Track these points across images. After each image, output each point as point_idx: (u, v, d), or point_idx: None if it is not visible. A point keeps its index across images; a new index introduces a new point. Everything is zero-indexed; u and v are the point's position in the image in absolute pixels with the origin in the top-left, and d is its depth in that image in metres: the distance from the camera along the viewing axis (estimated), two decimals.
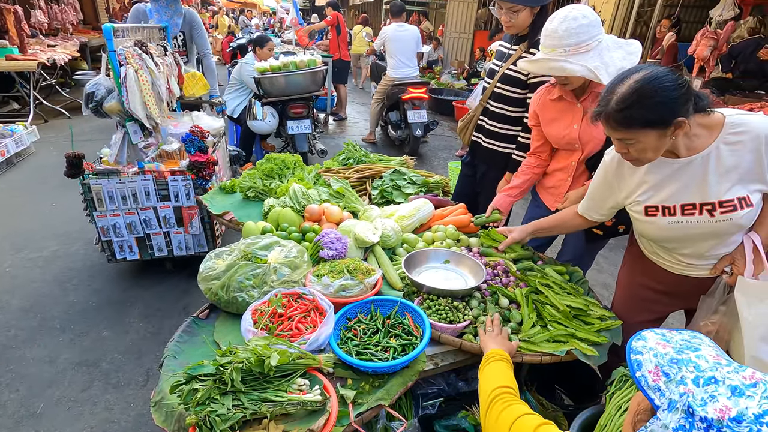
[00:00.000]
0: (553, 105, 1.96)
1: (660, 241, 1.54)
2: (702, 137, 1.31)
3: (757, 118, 1.28)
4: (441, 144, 6.90)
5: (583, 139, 1.92)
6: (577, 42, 1.66)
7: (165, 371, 1.42)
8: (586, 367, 1.60)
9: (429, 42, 11.60)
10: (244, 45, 6.98)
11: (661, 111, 1.19)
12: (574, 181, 2.06)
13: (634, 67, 1.27)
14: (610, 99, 1.24)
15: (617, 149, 1.35)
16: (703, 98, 1.27)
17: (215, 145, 3.29)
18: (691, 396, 0.64)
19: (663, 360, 0.71)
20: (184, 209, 2.96)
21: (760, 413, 0.57)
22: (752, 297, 1.39)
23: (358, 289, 1.65)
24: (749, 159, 1.28)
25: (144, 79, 2.69)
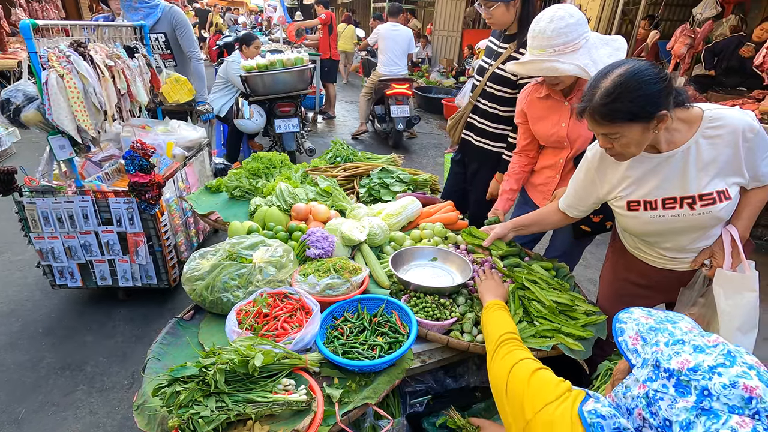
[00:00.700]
0: (540, 103, 1.97)
1: (642, 236, 1.55)
2: (682, 132, 1.33)
3: (734, 113, 1.30)
4: (430, 142, 6.90)
5: (571, 137, 1.93)
6: (566, 41, 1.67)
7: (148, 374, 1.40)
8: (573, 361, 1.61)
9: (417, 40, 11.61)
10: (230, 43, 6.91)
11: (645, 104, 1.20)
12: (562, 179, 2.07)
13: (616, 62, 1.28)
14: (594, 94, 1.25)
15: (601, 144, 1.36)
16: (682, 93, 1.29)
17: (188, 159, 3.00)
18: (660, 353, 0.74)
19: (643, 328, 0.81)
20: (129, 235, 2.60)
21: (714, 365, 0.67)
22: (730, 289, 1.41)
23: (344, 287, 1.64)
24: (727, 153, 1.30)
25: (72, 86, 2.22)
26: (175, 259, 2.82)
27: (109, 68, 2.45)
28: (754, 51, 4.80)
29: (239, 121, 4.54)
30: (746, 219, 1.42)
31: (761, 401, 0.62)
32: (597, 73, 1.29)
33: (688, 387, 0.67)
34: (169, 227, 2.74)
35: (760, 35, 4.90)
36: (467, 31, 11.06)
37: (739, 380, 0.63)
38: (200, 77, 3.59)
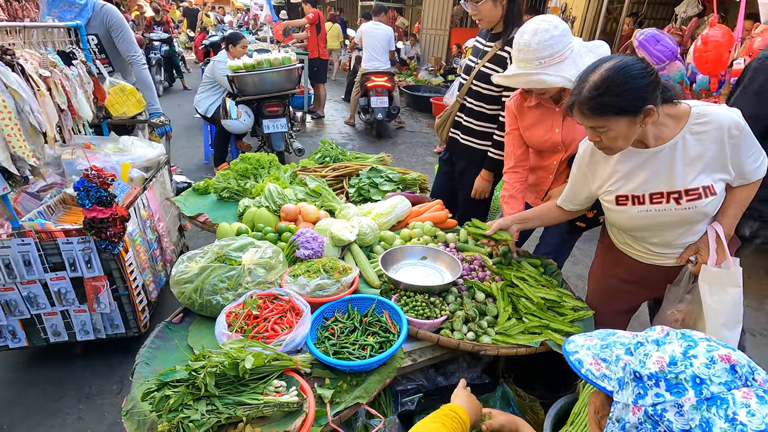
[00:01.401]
0: (531, 112, 1.98)
1: (630, 230, 1.58)
2: (669, 127, 1.36)
3: (720, 110, 1.32)
4: (419, 141, 6.92)
5: (566, 141, 1.96)
6: (552, 53, 1.69)
7: (137, 379, 1.39)
8: (562, 357, 1.64)
9: (405, 38, 11.62)
10: (217, 43, 6.85)
11: (632, 98, 1.22)
12: (555, 179, 2.09)
13: (604, 57, 1.30)
14: (583, 88, 1.27)
15: (590, 138, 1.38)
16: (670, 89, 1.31)
17: (147, 181, 2.55)
18: (630, 364, 0.69)
19: (596, 350, 0.77)
20: (87, 281, 2.12)
21: (684, 350, 0.65)
22: (715, 285, 1.44)
23: (334, 288, 1.64)
24: (713, 149, 1.33)
25: (1, 106, 1.71)
26: (145, 301, 2.39)
27: (44, 79, 1.97)
28: None
29: (226, 121, 4.50)
30: (731, 216, 1.45)
31: (740, 365, 0.61)
32: (586, 68, 1.31)
33: (680, 383, 0.62)
34: (135, 265, 2.28)
35: None
36: (455, 30, 11.10)
37: (713, 354, 0.62)
38: (147, 85, 3.04)
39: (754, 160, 1.36)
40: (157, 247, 2.68)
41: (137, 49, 3.00)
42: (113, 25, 2.90)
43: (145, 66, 3.04)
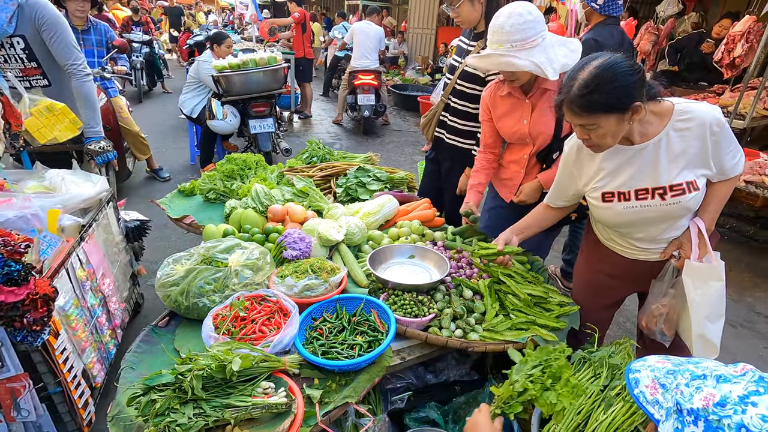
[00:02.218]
0: (502, 101, 2.01)
1: (616, 226, 1.61)
2: (654, 124, 1.38)
3: (702, 107, 1.35)
4: (407, 140, 6.93)
5: (532, 134, 1.98)
6: (523, 38, 1.71)
7: (122, 384, 1.37)
8: None
9: (394, 36, 11.62)
10: (201, 42, 6.76)
11: (620, 95, 1.24)
12: (527, 174, 2.12)
13: (592, 55, 1.32)
14: (572, 85, 1.28)
15: (579, 136, 1.40)
16: (654, 87, 1.34)
17: (85, 229, 1.91)
18: (680, 394, 0.63)
19: (660, 373, 0.70)
20: (1, 383, 1.55)
21: (745, 395, 0.56)
22: (698, 279, 1.48)
23: (323, 288, 1.64)
24: (696, 145, 1.36)
25: None
26: (87, 391, 1.82)
27: None
28: (714, 47, 5.01)
29: (212, 122, 4.45)
30: (712, 211, 1.48)
31: None
32: (574, 65, 1.33)
33: (720, 428, 0.55)
34: (70, 349, 1.70)
35: (718, 32, 5.11)
36: (442, 29, 11.15)
37: None
38: (89, 102, 2.41)
39: (732, 157, 1.39)
40: (103, 313, 2.04)
41: (79, 56, 2.40)
42: (46, 24, 2.26)
43: (89, 78, 2.44)
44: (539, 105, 1.93)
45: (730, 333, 2.89)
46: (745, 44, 4.37)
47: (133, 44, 7.98)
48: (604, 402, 1.35)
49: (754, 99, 4.04)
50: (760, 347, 2.80)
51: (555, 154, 2.01)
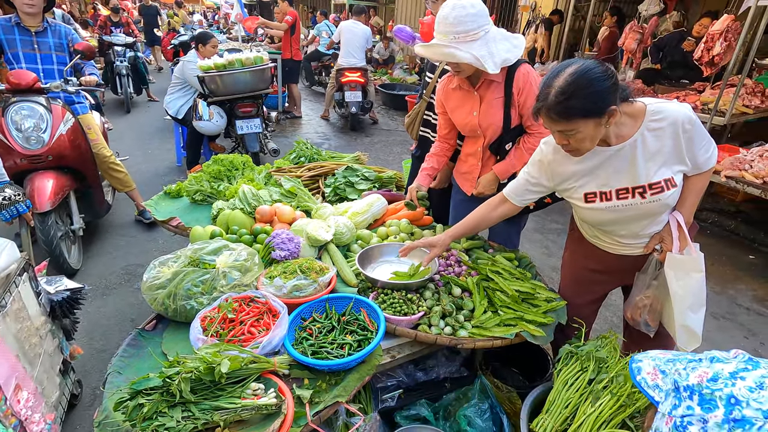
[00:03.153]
0: (454, 93, 2.05)
1: (600, 225, 1.63)
2: (628, 125, 1.41)
3: (673, 106, 1.39)
4: (395, 139, 6.94)
5: (482, 125, 2.01)
6: (466, 30, 1.73)
7: (109, 389, 1.35)
8: (538, 346, 1.68)
9: (380, 38, 11.61)
10: (186, 42, 6.68)
11: (596, 100, 1.27)
12: (483, 166, 2.15)
13: (566, 61, 1.34)
14: (549, 93, 1.30)
15: (558, 141, 1.42)
16: (626, 89, 1.37)
17: None
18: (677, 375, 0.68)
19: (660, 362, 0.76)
20: None
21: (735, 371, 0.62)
22: (680, 270, 1.51)
23: (312, 288, 1.64)
24: (670, 143, 1.39)
25: None
26: None
27: None
28: (695, 45, 5.11)
29: (198, 122, 4.40)
30: (689, 205, 1.52)
31: None
32: (549, 72, 1.35)
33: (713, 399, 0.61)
34: None
35: (699, 31, 5.21)
36: None
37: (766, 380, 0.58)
38: None
39: (706, 151, 1.43)
40: None
41: None
42: None
43: None
44: (487, 97, 1.96)
45: (712, 325, 2.96)
46: (723, 43, 4.46)
47: (116, 48, 7.40)
48: (591, 395, 1.37)
49: (733, 96, 4.14)
50: (741, 338, 2.86)
51: (507, 145, 2.04)
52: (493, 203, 1.76)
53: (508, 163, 2.04)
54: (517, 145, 2.03)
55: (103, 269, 3.20)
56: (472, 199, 2.28)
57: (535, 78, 1.93)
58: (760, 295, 3.31)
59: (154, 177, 4.92)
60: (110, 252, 3.42)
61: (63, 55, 3.13)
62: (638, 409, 1.32)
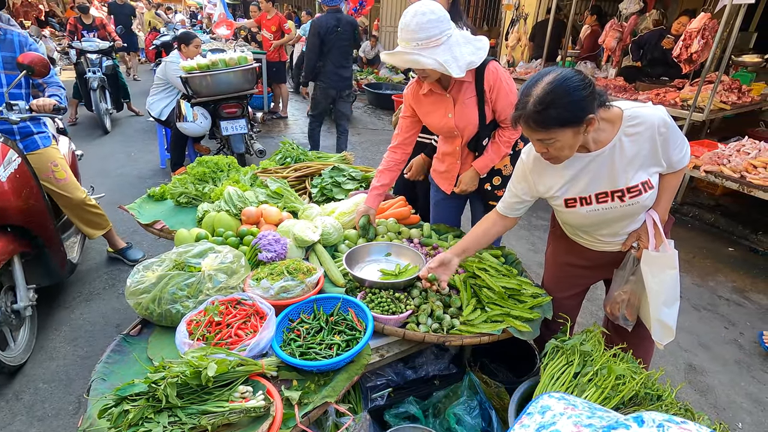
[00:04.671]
0: (425, 99, 2.05)
1: (581, 227, 1.67)
2: (606, 131, 1.44)
3: (649, 110, 1.41)
4: (382, 138, 6.95)
5: (459, 126, 2.03)
6: (428, 36, 1.74)
7: (93, 396, 1.33)
8: (525, 341, 1.70)
9: (366, 38, 11.60)
10: (168, 42, 6.58)
11: (574, 109, 1.29)
12: (462, 164, 2.17)
13: (544, 70, 1.37)
14: (527, 102, 1.32)
15: (537, 149, 1.44)
16: (602, 94, 1.39)
17: None
18: None
19: None
20: None
21: None
22: (655, 267, 1.56)
23: (299, 289, 1.63)
24: (647, 147, 1.42)
25: None
26: None
27: None
28: (674, 43, 5.21)
29: (182, 124, 4.34)
30: (665, 202, 1.56)
31: None
32: (527, 81, 1.36)
33: None
34: None
35: (677, 29, 5.32)
36: None
37: None
38: None
39: (680, 151, 1.47)
40: None
41: None
42: None
43: None
44: (460, 98, 1.98)
45: (694, 316, 3.03)
46: (701, 40, 4.56)
47: (89, 56, 6.12)
48: (577, 388, 1.39)
49: (711, 92, 4.23)
50: (722, 328, 2.94)
51: (485, 141, 2.07)
52: (492, 219, 1.76)
53: (486, 158, 2.07)
54: (492, 139, 2.06)
55: (86, 275, 3.14)
56: (453, 197, 2.31)
57: (504, 74, 1.96)
58: (740, 286, 3.40)
59: (138, 180, 4.84)
60: (93, 257, 3.36)
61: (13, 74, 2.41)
62: (622, 400, 1.35)
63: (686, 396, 2.37)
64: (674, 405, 1.40)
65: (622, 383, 1.38)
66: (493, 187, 2.20)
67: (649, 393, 1.41)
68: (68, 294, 2.94)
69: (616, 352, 1.52)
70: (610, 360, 1.46)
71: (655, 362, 2.38)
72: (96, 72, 6.08)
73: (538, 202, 2.17)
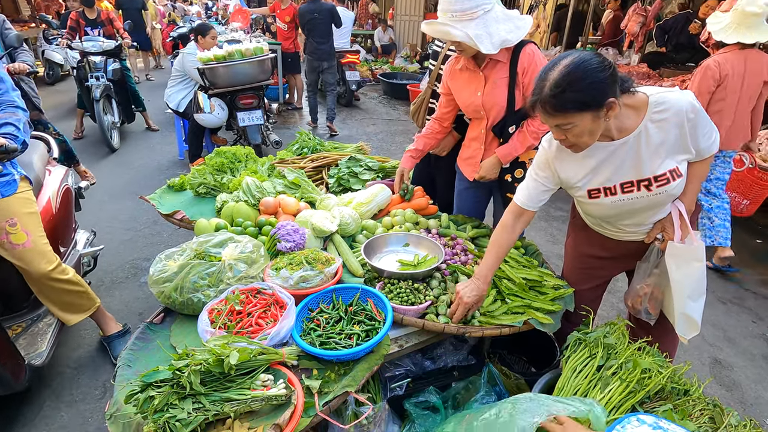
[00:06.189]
0: (459, 74, 2.04)
1: (604, 218, 1.62)
2: (631, 118, 1.38)
3: (676, 95, 1.35)
4: (397, 129, 6.90)
5: (486, 106, 1.99)
6: (463, 9, 1.72)
7: (119, 382, 1.36)
8: (545, 333, 1.68)
9: (379, 24, 11.48)
10: (185, 34, 6.62)
11: (593, 92, 1.23)
12: (486, 149, 2.13)
13: (562, 54, 1.32)
14: (544, 86, 1.27)
15: (555, 136, 1.39)
16: (627, 80, 1.33)
17: None
18: None
19: None
20: None
21: None
22: (680, 259, 1.50)
23: (318, 279, 1.63)
24: (674, 133, 1.36)
25: None
26: None
27: None
28: (701, 27, 5.01)
29: (200, 115, 4.38)
30: (691, 192, 1.50)
31: None
32: (545, 66, 1.32)
33: None
34: None
35: (705, 12, 5.10)
36: (429, 15, 11.01)
37: None
38: None
39: (708, 137, 1.40)
40: None
41: None
42: None
43: None
44: (491, 77, 1.95)
45: (720, 309, 2.95)
46: None
47: (92, 59, 5.02)
48: (600, 381, 1.37)
49: None
50: (749, 322, 2.85)
51: (511, 128, 2.02)
52: (509, 221, 1.62)
53: (510, 146, 2.02)
54: (520, 128, 2.01)
55: (109, 264, 3.21)
56: (476, 187, 2.27)
57: (541, 59, 1.90)
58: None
59: (156, 171, 4.92)
60: (115, 247, 3.44)
61: None
62: (648, 394, 1.32)
63: (712, 391, 2.31)
64: (701, 400, 1.36)
65: (648, 377, 1.35)
66: (513, 179, 2.15)
67: (675, 387, 1.38)
68: (93, 282, 3.01)
69: (641, 345, 1.49)
70: (635, 353, 1.43)
71: (679, 356, 2.33)
72: (100, 78, 4.96)
73: (558, 193, 2.13)
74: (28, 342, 2.00)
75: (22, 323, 1.81)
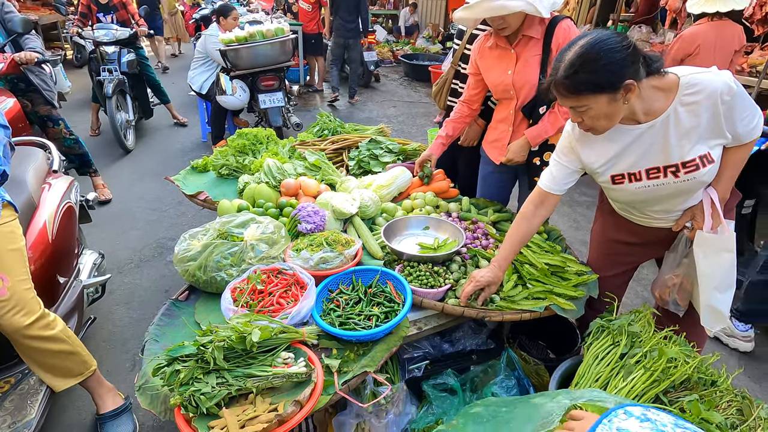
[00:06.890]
0: (489, 53, 1.98)
1: (630, 204, 1.56)
2: (659, 100, 1.30)
3: (709, 76, 1.26)
4: (418, 111, 6.80)
5: (516, 85, 1.93)
6: None
7: (147, 355, 1.41)
8: (565, 320, 1.65)
9: (407, 6, 11.24)
10: (207, 16, 6.63)
11: (608, 74, 1.18)
12: (514, 131, 2.07)
13: (581, 33, 1.26)
14: (559, 67, 1.23)
15: (572, 119, 1.34)
16: (655, 60, 1.25)
17: None
18: None
19: None
20: None
21: None
22: (708, 249, 1.44)
23: (338, 260, 1.64)
24: (707, 117, 1.28)
25: None
26: None
27: None
28: None
29: (222, 97, 4.41)
30: (726, 180, 1.42)
31: None
32: (563, 47, 1.26)
33: None
34: None
35: None
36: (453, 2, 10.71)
37: None
38: None
39: (749, 122, 1.31)
40: None
41: None
42: None
43: None
44: (523, 54, 1.88)
45: None
46: None
47: (104, 49, 4.51)
48: (623, 369, 1.34)
49: None
50: None
51: (541, 109, 1.95)
52: (529, 211, 1.57)
53: (540, 127, 1.95)
54: (551, 109, 1.94)
55: (137, 243, 3.32)
56: (501, 171, 2.22)
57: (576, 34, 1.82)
58: None
59: (180, 152, 5.00)
60: (142, 227, 3.54)
61: None
62: (673, 383, 1.29)
63: (740, 383, 2.25)
64: (729, 392, 1.31)
65: (673, 366, 1.31)
66: (542, 162, 2.07)
67: (702, 378, 1.34)
68: (121, 260, 3.12)
69: (668, 334, 1.45)
70: (661, 342, 1.39)
71: (707, 348, 2.26)
72: (113, 72, 4.43)
73: (582, 178, 2.07)
74: (16, 406, 1.56)
75: (10, 378, 1.55)
